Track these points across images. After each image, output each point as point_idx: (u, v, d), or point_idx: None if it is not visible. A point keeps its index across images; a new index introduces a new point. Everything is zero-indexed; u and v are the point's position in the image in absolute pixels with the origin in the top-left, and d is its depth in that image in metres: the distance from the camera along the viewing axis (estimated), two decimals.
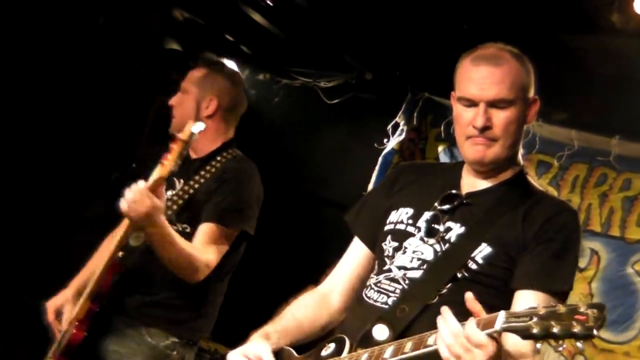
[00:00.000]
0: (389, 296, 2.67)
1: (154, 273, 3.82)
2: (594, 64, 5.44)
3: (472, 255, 2.60)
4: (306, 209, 7.21)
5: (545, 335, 2.07)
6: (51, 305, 4.02)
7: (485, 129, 2.67)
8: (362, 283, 2.86)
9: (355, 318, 2.75)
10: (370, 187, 6.46)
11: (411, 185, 2.91)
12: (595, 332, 2.02)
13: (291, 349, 2.80)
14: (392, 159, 6.62)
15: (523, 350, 2.39)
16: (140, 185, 3.53)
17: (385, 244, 2.79)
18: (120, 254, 3.80)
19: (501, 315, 2.17)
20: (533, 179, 2.88)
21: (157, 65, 6.07)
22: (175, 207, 3.87)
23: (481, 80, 2.69)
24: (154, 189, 3.54)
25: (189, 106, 4.12)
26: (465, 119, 2.71)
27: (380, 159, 6.62)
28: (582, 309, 2.04)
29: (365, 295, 2.75)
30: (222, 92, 4.16)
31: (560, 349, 2.12)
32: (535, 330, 2.07)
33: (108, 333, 3.84)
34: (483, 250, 2.60)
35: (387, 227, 2.83)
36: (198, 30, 6.74)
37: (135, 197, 3.51)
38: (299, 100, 7.43)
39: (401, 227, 2.78)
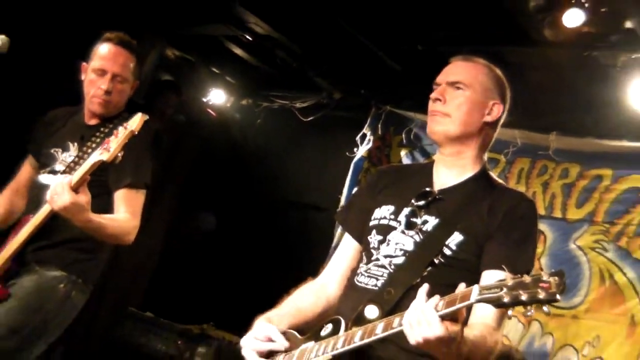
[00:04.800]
0: (377, 279, 2.73)
1: (50, 223, 3.59)
2: (531, 73, 5.63)
3: (447, 242, 2.68)
4: (293, 212, 7.37)
5: (515, 303, 2.11)
6: None
7: (437, 100, 2.83)
8: (353, 273, 2.90)
9: (349, 301, 2.78)
10: (345, 189, 6.71)
11: (391, 186, 2.97)
12: (558, 296, 2.06)
13: (293, 331, 2.83)
14: (363, 165, 6.85)
15: (488, 322, 2.53)
16: (63, 180, 3.35)
17: (371, 237, 2.84)
18: None
19: (475, 288, 2.20)
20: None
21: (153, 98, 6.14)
22: (78, 167, 3.55)
23: (449, 68, 2.91)
24: (84, 180, 3.35)
25: (127, 94, 3.90)
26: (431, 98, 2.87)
27: (352, 165, 6.86)
28: (545, 278, 2.09)
29: (357, 280, 2.81)
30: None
31: (529, 313, 2.14)
32: (506, 299, 2.12)
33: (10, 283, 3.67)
34: (455, 238, 2.68)
35: (372, 223, 2.88)
36: (188, 65, 6.94)
37: (57, 189, 3.33)
38: (279, 120, 7.67)
39: (384, 222, 2.83)
